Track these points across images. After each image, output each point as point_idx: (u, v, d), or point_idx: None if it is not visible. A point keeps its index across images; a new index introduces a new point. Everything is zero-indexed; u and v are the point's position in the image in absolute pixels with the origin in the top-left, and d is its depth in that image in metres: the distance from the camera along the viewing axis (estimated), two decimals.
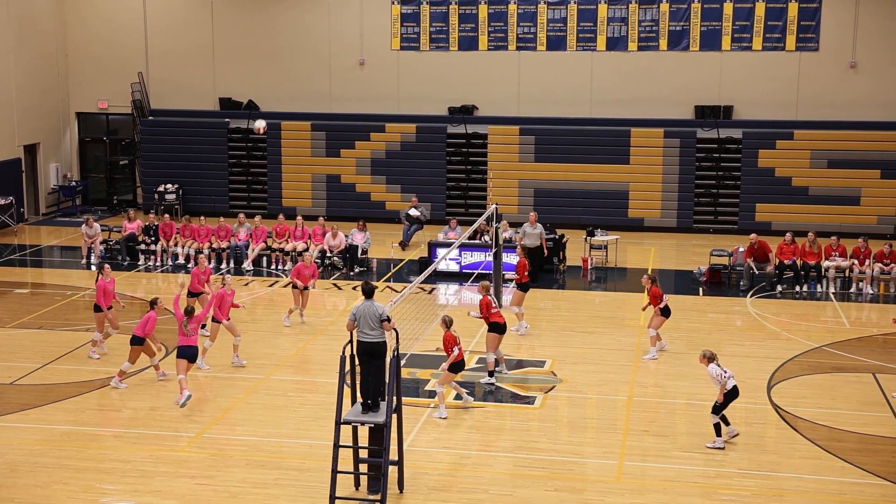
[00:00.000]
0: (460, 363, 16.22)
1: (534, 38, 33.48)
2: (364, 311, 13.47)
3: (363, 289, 13.91)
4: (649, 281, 19.22)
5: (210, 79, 35.36)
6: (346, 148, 33.89)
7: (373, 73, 34.49)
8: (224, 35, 35.14)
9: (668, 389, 17.56)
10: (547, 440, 15.32)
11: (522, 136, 33.15)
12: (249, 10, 34.91)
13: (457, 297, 24.29)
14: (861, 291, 24.39)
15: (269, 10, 34.78)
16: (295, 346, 20.00)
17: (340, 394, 13.04)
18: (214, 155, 34.73)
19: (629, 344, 20.15)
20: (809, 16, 31.79)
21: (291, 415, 16.30)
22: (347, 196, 33.77)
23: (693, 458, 14.63)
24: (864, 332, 21.11)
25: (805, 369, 18.23)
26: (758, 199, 31.80)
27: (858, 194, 31.13)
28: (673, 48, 32.73)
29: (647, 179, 32.41)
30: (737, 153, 32.21)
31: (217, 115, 35.16)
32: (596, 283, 26.05)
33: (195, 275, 20.70)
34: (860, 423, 15.86)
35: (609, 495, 13.42)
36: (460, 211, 32.76)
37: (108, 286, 19.06)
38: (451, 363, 16.08)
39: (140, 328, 17.25)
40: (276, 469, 14.20)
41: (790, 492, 13.60)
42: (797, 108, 32.18)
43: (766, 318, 22.24)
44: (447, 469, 14.23)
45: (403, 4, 33.98)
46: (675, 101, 32.82)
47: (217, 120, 34.97)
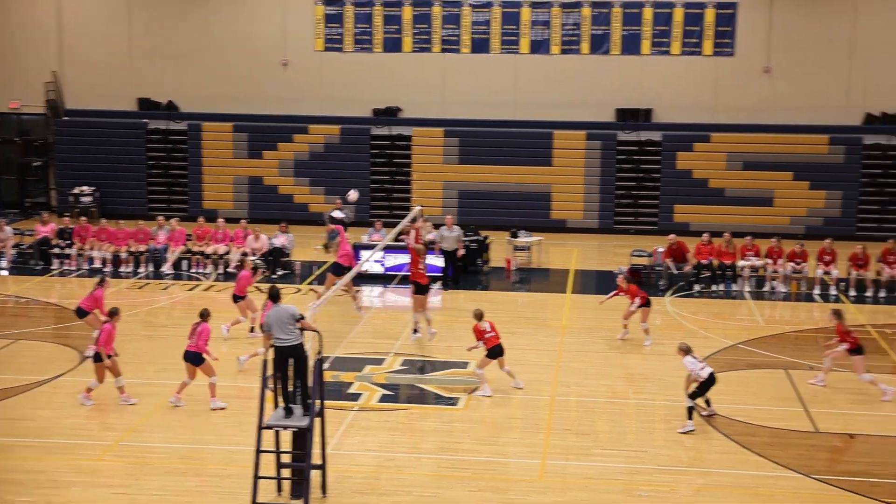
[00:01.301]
0: (496, 348, 17.15)
1: (458, 40, 33.65)
2: (275, 317, 13.40)
3: (270, 293, 13.86)
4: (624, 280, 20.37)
5: (128, 79, 34.78)
6: (269, 149, 33.68)
7: (296, 74, 34.32)
8: (143, 34, 34.61)
9: (590, 388, 17.81)
10: (470, 441, 15.42)
11: (447, 137, 33.29)
12: (169, 9, 34.46)
13: (381, 299, 24.30)
14: (774, 290, 25.00)
15: (189, 10, 34.39)
16: (216, 350, 19.77)
17: (262, 398, 12.98)
18: (132, 156, 34.23)
19: (552, 344, 20.38)
20: (725, 21, 32.47)
21: (212, 420, 16.16)
22: (270, 198, 33.54)
23: (614, 455, 14.86)
24: (778, 330, 21.64)
25: (721, 366, 18.61)
26: (676, 200, 32.39)
27: (772, 196, 31.89)
28: (595, 52, 33.16)
29: (569, 181, 32.78)
30: (656, 155, 32.76)
31: (135, 116, 34.63)
32: (519, 283, 26.27)
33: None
34: (773, 418, 16.28)
35: (532, 494, 13.57)
36: (384, 213, 32.77)
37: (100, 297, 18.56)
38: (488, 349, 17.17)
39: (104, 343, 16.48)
40: (196, 476, 14.07)
41: (707, 486, 13.91)
42: (714, 112, 32.85)
43: (685, 316, 22.66)
44: (371, 472, 14.25)
45: (327, 5, 33.88)
46: (596, 104, 33.25)
47: (135, 120, 34.46)
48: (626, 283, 20.37)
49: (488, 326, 17.32)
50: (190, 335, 16.57)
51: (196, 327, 16.55)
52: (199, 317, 16.73)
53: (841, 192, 31.66)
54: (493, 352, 17.23)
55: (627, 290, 20.19)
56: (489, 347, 17.20)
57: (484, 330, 17.26)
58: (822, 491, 13.70)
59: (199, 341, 16.45)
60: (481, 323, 17.31)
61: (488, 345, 17.20)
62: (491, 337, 17.24)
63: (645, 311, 20.09)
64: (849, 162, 31.72)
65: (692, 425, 15.62)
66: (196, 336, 16.46)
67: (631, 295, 20.15)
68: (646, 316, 20.20)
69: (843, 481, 13.95)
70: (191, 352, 16.50)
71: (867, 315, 22.94)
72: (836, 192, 31.67)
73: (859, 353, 17.41)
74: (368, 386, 17.77)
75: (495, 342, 17.24)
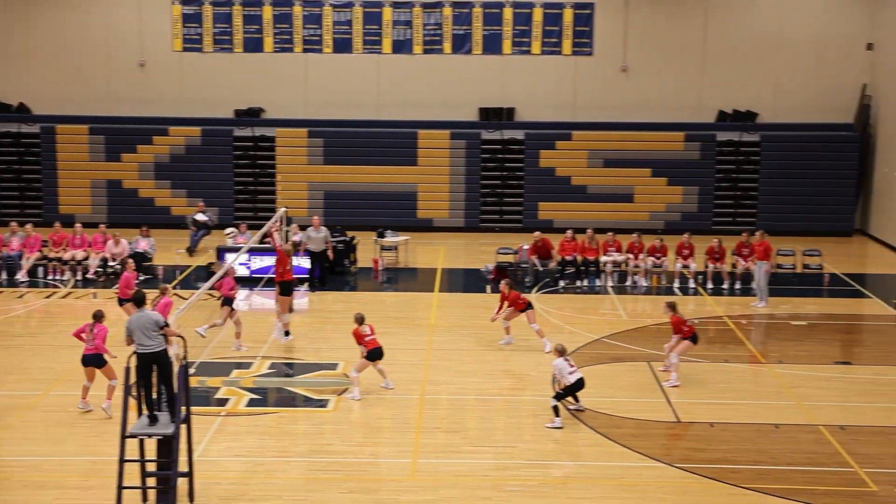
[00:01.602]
0: (375, 351, 17.15)
1: (320, 40, 33.43)
2: (138, 322, 13.08)
3: (134, 297, 13.54)
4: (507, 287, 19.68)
5: None
6: (128, 152, 32.82)
7: (154, 75, 33.52)
8: None
9: (459, 386, 17.93)
10: (341, 442, 15.35)
11: (311, 138, 33.05)
12: (19, 8, 33.19)
13: (248, 302, 23.95)
14: (636, 284, 25.67)
15: (41, 9, 33.19)
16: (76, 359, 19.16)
17: (125, 407, 12.64)
18: None
19: (420, 343, 20.45)
20: (584, 21, 33.16)
21: (73, 431, 15.65)
22: (130, 202, 32.70)
23: (483, 452, 15.00)
24: (640, 323, 22.21)
25: (587, 360, 19.01)
26: (540, 198, 32.92)
27: (632, 192, 32.73)
28: (457, 51, 33.41)
29: (434, 180, 32.96)
30: (520, 154, 33.22)
31: None
32: (387, 283, 26.28)
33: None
34: (636, 410, 16.70)
35: (403, 493, 13.59)
36: (249, 215, 32.30)
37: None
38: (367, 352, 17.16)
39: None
40: (56, 489, 13.60)
41: (574, 478, 14.18)
42: (574, 110, 33.51)
43: (551, 312, 23.04)
44: (239, 477, 14.03)
45: (185, 5, 33.19)
46: (460, 104, 33.51)
47: None
48: (508, 289, 19.90)
49: (368, 330, 17.26)
50: (83, 339, 16.04)
51: (91, 329, 15.98)
52: (93, 318, 16.12)
53: (697, 187, 32.71)
54: (372, 354, 17.17)
55: (509, 296, 19.89)
56: (369, 350, 17.13)
57: (364, 334, 17.19)
58: (685, 479, 14.12)
59: (98, 342, 15.90)
60: (362, 327, 17.23)
61: (368, 347, 17.14)
62: (370, 340, 17.18)
63: (530, 313, 19.86)
64: (704, 158, 32.80)
65: (560, 422, 15.86)
66: (94, 337, 15.89)
67: (511, 301, 19.89)
68: (532, 318, 19.90)
69: (704, 469, 14.41)
70: (90, 354, 15.94)
71: (724, 307, 23.76)
72: (692, 188, 32.72)
73: (694, 341, 17.94)
74: (236, 390, 17.50)
75: (375, 345, 17.19)
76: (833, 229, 32.47)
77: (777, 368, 19.03)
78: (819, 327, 22.26)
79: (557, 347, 16.39)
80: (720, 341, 21.13)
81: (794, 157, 32.66)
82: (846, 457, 14.86)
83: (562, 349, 16.31)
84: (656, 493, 13.66)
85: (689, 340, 17.89)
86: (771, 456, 14.90)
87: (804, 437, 15.65)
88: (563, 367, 16.09)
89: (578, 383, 16.09)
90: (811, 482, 14.01)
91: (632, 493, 13.69)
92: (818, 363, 19.43)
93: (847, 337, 21.90)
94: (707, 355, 19.80)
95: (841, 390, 18.06)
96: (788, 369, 18.97)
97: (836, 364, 19.46)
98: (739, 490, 13.75)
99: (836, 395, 17.81)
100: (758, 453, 14.99)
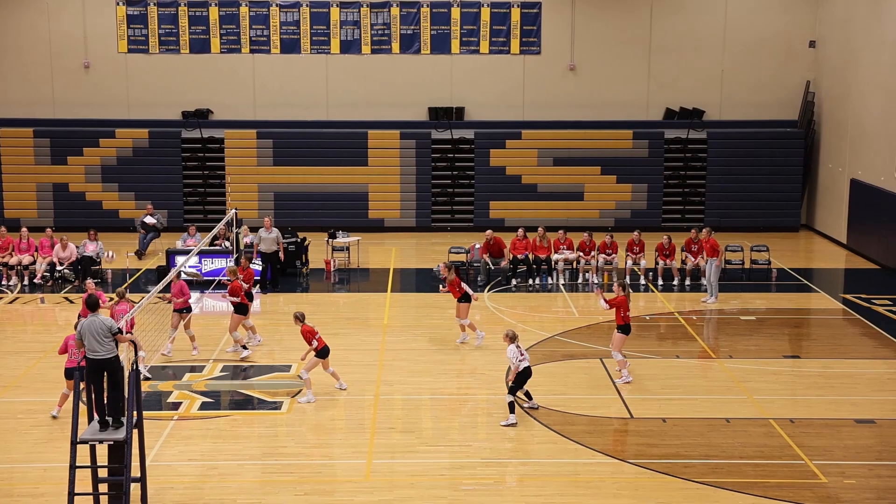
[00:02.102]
0: (325, 349, 17.05)
1: (267, 40, 33.24)
2: (89, 327, 12.89)
3: (87, 302, 13.36)
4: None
5: None
6: (74, 155, 32.40)
7: (99, 77, 33.12)
8: None
9: (413, 386, 17.93)
10: (295, 444, 15.29)
11: (260, 139, 32.85)
12: None
13: (199, 304, 23.75)
14: (588, 281, 25.83)
15: None
16: (24, 364, 18.93)
17: (75, 412, 12.46)
18: None
19: (374, 343, 20.41)
20: (531, 21, 33.31)
21: (22, 438, 15.41)
22: (77, 205, 32.29)
23: (438, 451, 15.01)
24: (592, 321, 22.35)
25: (540, 358, 19.09)
26: (491, 196, 33.01)
27: (582, 190, 32.94)
28: (405, 51, 33.40)
29: (385, 180, 32.92)
30: (470, 153, 33.28)
31: None
32: (339, 284, 26.20)
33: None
34: (590, 406, 16.81)
35: (359, 494, 13.56)
36: (199, 217, 32.03)
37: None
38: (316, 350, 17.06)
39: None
40: (6, 497, 13.39)
41: (529, 476, 14.24)
42: (524, 109, 33.65)
43: (503, 310, 23.12)
44: (193, 481, 13.92)
45: (129, 6, 32.82)
46: (409, 103, 33.50)
47: None
48: (447, 271, 20.12)
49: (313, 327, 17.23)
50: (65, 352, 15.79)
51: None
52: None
53: (646, 184, 32.99)
54: (322, 352, 17.10)
55: (449, 279, 20.09)
56: (319, 348, 17.05)
57: (314, 330, 17.10)
58: (639, 474, 14.24)
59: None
60: (307, 324, 17.16)
61: (320, 345, 17.06)
62: (320, 337, 17.13)
63: (463, 306, 20.10)
64: (652, 156, 33.09)
65: (514, 419, 15.94)
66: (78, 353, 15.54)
67: (449, 285, 20.08)
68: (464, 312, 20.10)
69: (657, 464, 14.55)
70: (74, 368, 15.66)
71: (674, 303, 23.99)
72: (641, 185, 33.00)
73: (625, 332, 18.04)
74: (188, 394, 17.35)
75: (323, 343, 17.14)
76: (780, 225, 32.95)
77: (727, 363, 19.26)
78: (768, 322, 22.57)
79: (508, 333, 16.32)
80: (671, 337, 21.34)
81: (740, 153, 33.06)
82: (796, 449, 15.08)
83: (513, 335, 16.26)
84: (611, 489, 13.76)
85: (621, 332, 18.00)
86: (723, 450, 15.08)
87: (755, 430, 15.86)
88: (515, 354, 16.07)
89: (526, 371, 16.09)
90: (762, 475, 14.21)
91: (587, 489, 13.78)
92: (768, 357, 19.70)
93: (795, 331, 22.22)
94: (658, 351, 19.99)
95: (790, 384, 18.33)
96: (738, 364, 19.21)
97: (786, 358, 19.73)
98: (692, 484, 13.90)
99: (785, 388, 18.07)
100: (710, 447, 15.16)
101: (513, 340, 16.23)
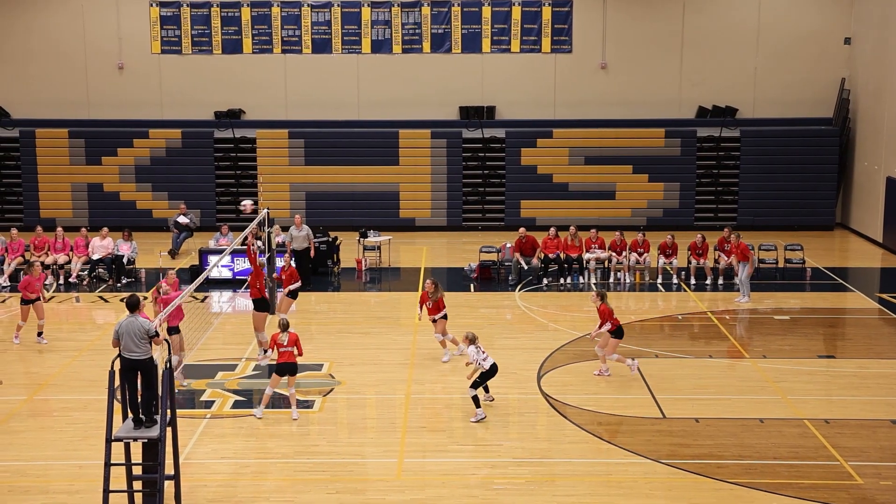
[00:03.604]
0: (286, 364, 16.22)
1: (299, 40, 33.36)
2: (127, 328, 13.00)
3: (126, 302, 13.46)
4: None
5: None
6: (108, 155, 32.70)
7: (133, 78, 33.40)
8: None
9: (444, 385, 17.93)
10: (327, 443, 15.32)
11: (291, 139, 32.98)
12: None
13: (231, 304, 23.89)
14: (619, 281, 25.73)
15: (17, 12, 33.02)
16: (60, 363, 19.12)
17: (110, 411, 12.57)
18: None
19: (405, 343, 20.43)
20: (562, 19, 33.22)
21: (58, 436, 15.56)
22: (111, 205, 32.57)
23: (470, 450, 15.00)
24: (624, 320, 22.11)
25: (571, 358, 19.04)
26: (522, 196, 32.96)
27: (614, 189, 32.81)
28: (436, 50, 33.42)
29: (416, 180, 32.96)
30: (501, 152, 33.25)
31: None
32: (370, 283, 26.25)
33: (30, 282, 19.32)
34: (621, 406, 16.74)
35: (390, 493, 13.57)
36: (231, 217, 32.22)
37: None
38: (610, 331, 17.81)
39: None
40: (42, 494, 13.53)
41: (561, 476, 14.19)
42: (555, 108, 33.57)
43: (534, 310, 23.07)
44: (226, 480, 13.99)
45: (162, 7, 33.07)
46: (440, 103, 33.52)
47: None
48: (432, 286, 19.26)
49: (286, 340, 16.22)
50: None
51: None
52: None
53: (678, 183, 32.81)
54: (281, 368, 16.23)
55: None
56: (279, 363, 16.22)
57: (280, 342, 16.20)
58: (671, 475, 14.16)
59: None
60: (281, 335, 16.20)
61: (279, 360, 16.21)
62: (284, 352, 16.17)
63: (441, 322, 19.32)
64: (685, 154, 32.91)
65: (482, 413, 16.06)
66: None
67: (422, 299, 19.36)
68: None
69: (690, 464, 14.46)
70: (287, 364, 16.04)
71: (707, 302, 23.84)
72: (673, 184, 32.82)
73: (619, 336, 18.01)
74: (221, 392, 17.45)
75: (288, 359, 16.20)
76: (814, 223, 32.67)
77: (761, 363, 19.12)
78: (802, 321, 22.37)
79: (468, 336, 16.43)
80: (703, 337, 21.20)
81: (774, 151, 32.81)
82: (831, 450, 14.94)
83: (472, 337, 16.41)
84: (643, 490, 13.69)
85: (614, 335, 17.95)
86: (756, 450, 14.96)
87: (789, 431, 15.72)
88: (478, 354, 16.23)
89: (493, 369, 16.27)
90: (797, 476, 14.08)
91: (619, 489, 13.72)
92: (802, 357, 19.53)
93: (830, 330, 22.01)
94: (691, 351, 19.88)
95: (825, 384, 18.17)
96: (772, 364, 19.06)
97: (820, 358, 19.56)
98: (726, 485, 13.80)
99: (820, 388, 17.91)
100: (743, 448, 15.05)
101: (472, 342, 16.30)
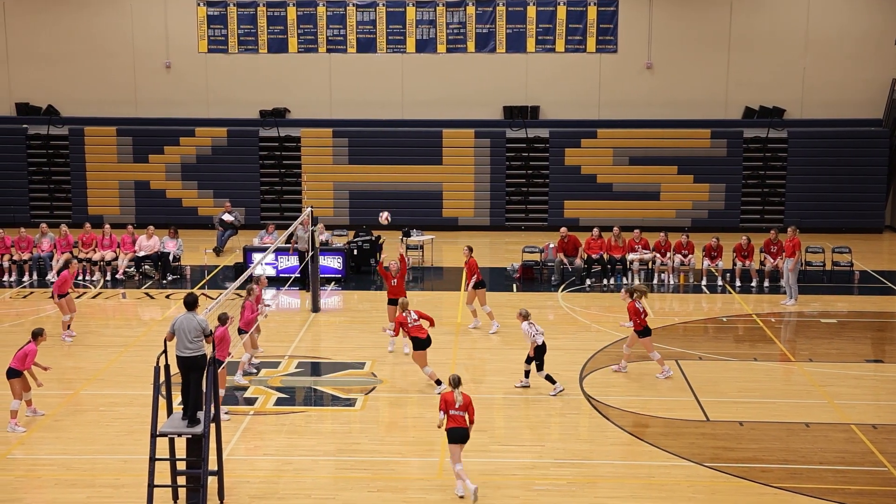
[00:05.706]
0: (646, 328, 17.91)
1: (344, 40, 33.49)
2: (182, 325, 13.14)
3: (185, 300, 13.58)
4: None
5: (5, 83, 33.76)
6: (155, 153, 33.02)
7: (180, 77, 33.72)
8: (19, 37, 33.62)
9: (486, 385, 17.91)
10: (368, 441, 15.37)
11: (336, 138, 33.12)
12: (46, 12, 33.50)
13: (274, 301, 24.04)
14: (663, 282, 25.55)
15: (67, 12, 33.49)
16: (106, 359, 19.34)
17: (155, 406, 12.71)
18: (12, 162, 33.22)
19: (447, 342, 20.43)
20: (607, 19, 33.06)
21: (104, 430, 15.75)
22: (157, 202, 32.90)
23: (511, 450, 14.97)
24: (668, 322, 22.10)
25: (614, 359, 18.93)
26: (565, 196, 32.84)
27: (658, 189, 32.59)
28: (480, 50, 33.40)
29: (459, 179, 32.96)
30: (544, 152, 33.15)
31: (14, 121, 33.62)
32: (413, 282, 26.27)
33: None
34: (665, 409, 16.62)
35: (431, 492, 13.58)
36: (275, 215, 32.42)
37: None
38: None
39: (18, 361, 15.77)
40: (88, 487, 13.70)
41: (603, 478, 14.12)
42: (599, 108, 33.42)
43: (577, 311, 22.98)
44: (268, 476, 14.08)
45: (209, 6, 33.35)
46: (484, 102, 33.50)
47: (14, 126, 33.45)
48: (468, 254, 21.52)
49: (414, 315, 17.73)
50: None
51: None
52: None
53: (724, 184, 32.51)
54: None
55: (469, 262, 21.29)
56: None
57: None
58: (715, 478, 14.04)
59: None
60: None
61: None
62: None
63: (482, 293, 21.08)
64: (731, 155, 32.60)
65: (560, 386, 16.92)
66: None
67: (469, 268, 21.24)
68: (483, 298, 21.06)
69: (734, 468, 14.32)
70: None
71: (753, 305, 23.60)
72: (719, 185, 32.53)
73: (647, 334, 18.00)
74: (264, 389, 17.56)
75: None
76: (863, 226, 32.24)
77: (807, 367, 18.89)
78: (849, 325, 22.09)
79: (521, 312, 17.19)
80: (749, 339, 21.01)
81: (822, 153, 32.42)
82: (879, 456, 14.73)
83: (526, 313, 17.18)
84: (686, 493, 13.59)
85: (641, 334, 17.97)
86: (802, 455, 14.79)
87: (835, 435, 15.53)
88: (531, 329, 16.99)
89: (543, 346, 16.95)
90: (843, 481, 13.90)
91: (661, 492, 13.63)
92: (849, 361, 19.28)
93: (878, 335, 21.71)
94: (736, 353, 19.69)
95: (873, 388, 17.92)
96: (819, 367, 18.83)
97: (868, 362, 19.30)
98: (770, 489, 13.65)
99: (867, 393, 17.67)
100: (788, 452, 14.88)
101: (525, 318, 17.10)
